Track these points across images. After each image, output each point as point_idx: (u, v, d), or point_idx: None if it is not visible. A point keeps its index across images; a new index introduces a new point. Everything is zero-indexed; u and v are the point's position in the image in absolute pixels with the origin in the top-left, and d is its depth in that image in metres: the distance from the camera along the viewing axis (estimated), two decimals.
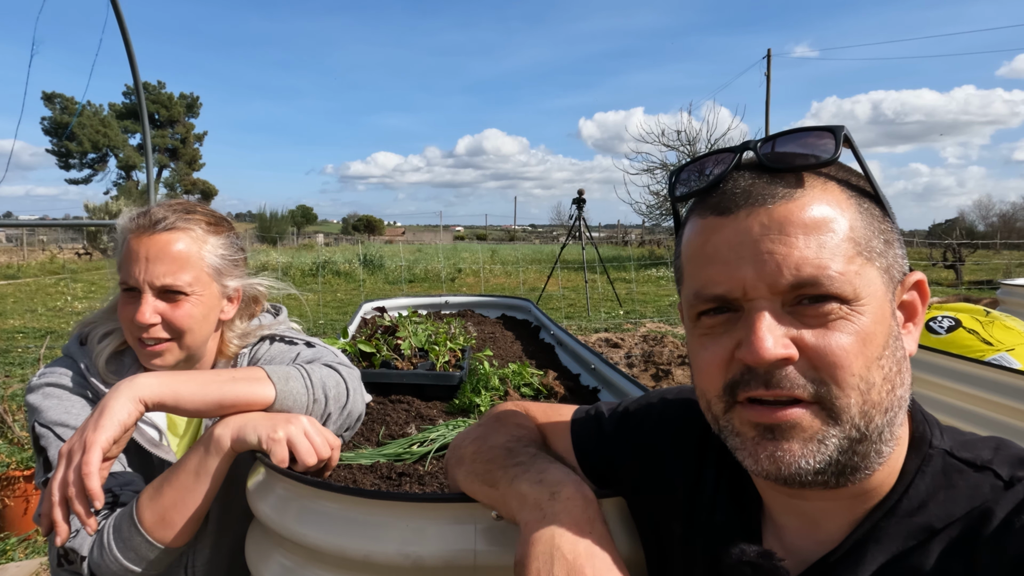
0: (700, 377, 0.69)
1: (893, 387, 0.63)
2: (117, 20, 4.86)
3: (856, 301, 0.61)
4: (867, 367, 0.61)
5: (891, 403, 0.63)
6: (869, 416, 0.61)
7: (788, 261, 0.61)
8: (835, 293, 0.60)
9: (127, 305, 1.24)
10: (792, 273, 0.60)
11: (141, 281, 1.22)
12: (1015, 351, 2.35)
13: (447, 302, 3.58)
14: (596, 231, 52.56)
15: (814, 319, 0.61)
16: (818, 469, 0.61)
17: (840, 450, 0.61)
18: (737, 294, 0.63)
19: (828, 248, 0.61)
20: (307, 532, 0.93)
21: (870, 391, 0.61)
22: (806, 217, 0.62)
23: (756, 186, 0.65)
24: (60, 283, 16.06)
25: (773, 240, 0.62)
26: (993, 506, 0.60)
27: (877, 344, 0.62)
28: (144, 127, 5.30)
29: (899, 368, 0.64)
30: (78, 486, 0.94)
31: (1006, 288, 4.18)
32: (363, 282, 16.50)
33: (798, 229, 0.61)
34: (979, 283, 16.23)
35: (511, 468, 0.84)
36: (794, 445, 0.61)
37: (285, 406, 1.14)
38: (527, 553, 0.72)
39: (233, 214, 8.52)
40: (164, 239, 1.24)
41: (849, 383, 0.60)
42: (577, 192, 12.25)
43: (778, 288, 0.61)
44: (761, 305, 0.62)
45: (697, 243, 0.68)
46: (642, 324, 10.19)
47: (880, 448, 0.63)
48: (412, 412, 1.71)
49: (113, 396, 1.01)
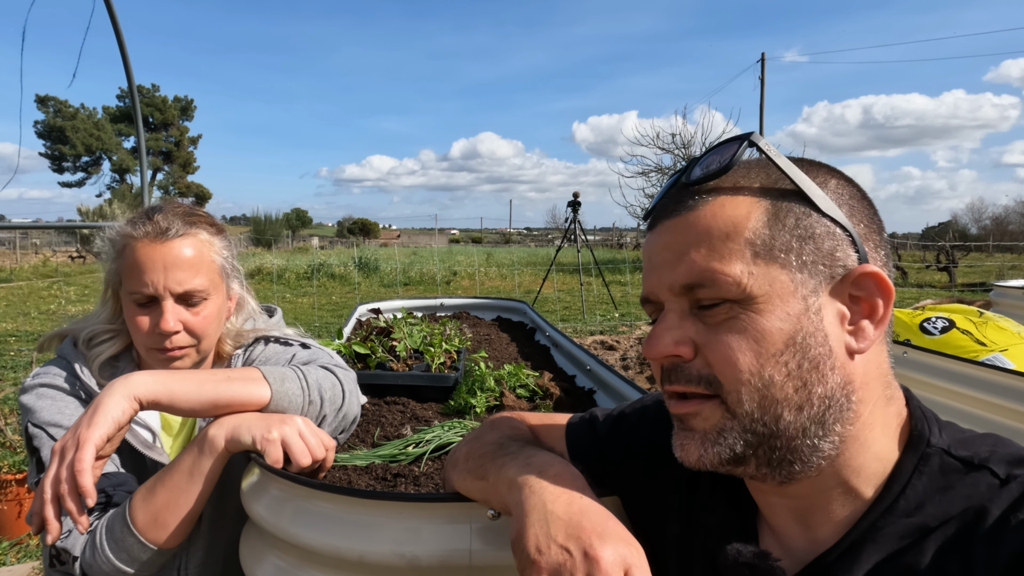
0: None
1: (805, 384, 0.63)
2: (111, 23, 4.85)
3: (749, 301, 0.63)
4: (760, 364, 0.63)
5: (805, 400, 0.63)
6: (774, 412, 0.63)
7: (680, 266, 0.66)
8: (723, 296, 0.64)
9: (141, 315, 1.23)
10: (683, 276, 0.66)
11: (161, 289, 1.21)
12: (1009, 351, 2.36)
13: (442, 304, 3.57)
14: (591, 234, 52.59)
15: (710, 319, 0.66)
16: (725, 460, 0.66)
17: (745, 443, 0.65)
18: (655, 298, 0.70)
19: (718, 252, 0.64)
20: (302, 533, 0.92)
21: (770, 388, 0.63)
22: (700, 224, 0.66)
23: (672, 200, 0.71)
24: (53, 286, 15.98)
25: (671, 246, 0.68)
26: (988, 504, 0.60)
27: (774, 341, 0.63)
28: (138, 130, 5.29)
29: (816, 365, 0.63)
30: (71, 483, 0.93)
31: (999, 290, 4.21)
32: (358, 285, 16.47)
33: (691, 235, 0.67)
34: (972, 285, 16.31)
35: (500, 458, 0.86)
36: (695, 435, 0.67)
37: (280, 407, 1.13)
38: (523, 525, 0.71)
39: (227, 217, 8.50)
40: (179, 245, 1.24)
41: (739, 379, 0.64)
42: (572, 195, 12.26)
43: (675, 290, 0.67)
44: (669, 306, 0.69)
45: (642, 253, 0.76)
46: (637, 327, 10.20)
47: (813, 443, 0.64)
48: (407, 413, 1.70)
49: (108, 393, 1.00)
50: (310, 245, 37.44)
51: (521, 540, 0.70)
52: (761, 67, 29.73)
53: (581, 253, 12.35)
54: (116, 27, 4.86)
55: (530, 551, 0.68)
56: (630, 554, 0.67)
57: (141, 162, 5.40)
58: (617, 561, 0.65)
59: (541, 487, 0.75)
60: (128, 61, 5.02)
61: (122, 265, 1.25)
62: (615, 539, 0.68)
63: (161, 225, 1.24)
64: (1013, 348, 2.36)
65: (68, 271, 20.95)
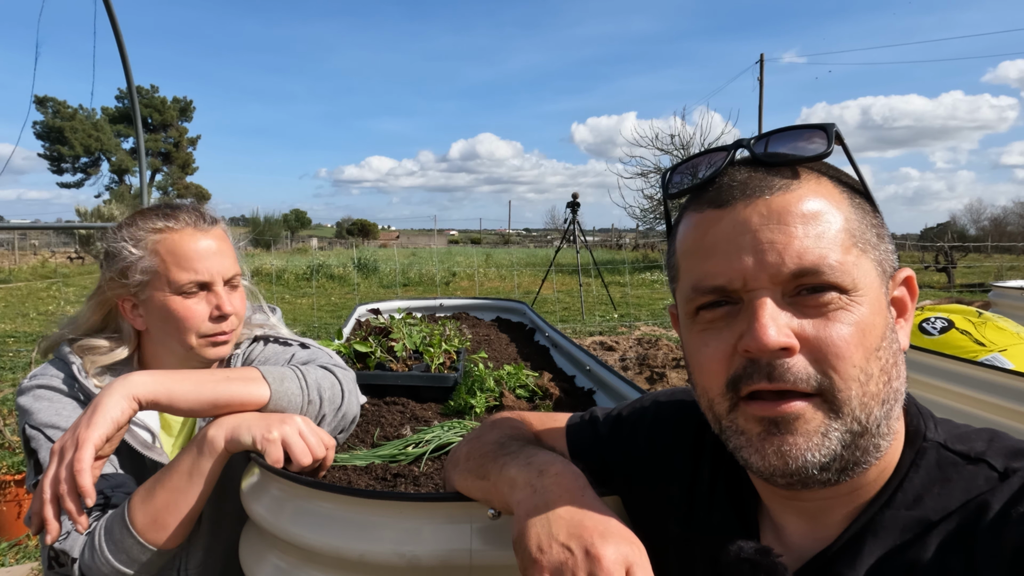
0: (701, 374, 0.68)
1: (890, 379, 0.63)
2: (111, 24, 4.85)
3: (854, 291, 0.62)
4: (866, 358, 0.61)
5: (887, 395, 0.63)
6: (868, 408, 0.61)
7: (789, 250, 0.61)
8: (834, 283, 0.61)
9: (191, 305, 1.25)
10: (794, 262, 0.61)
11: (215, 274, 1.27)
12: (1008, 351, 2.36)
13: (442, 304, 3.57)
14: (590, 235, 52.56)
15: (814, 309, 0.62)
16: (823, 464, 0.61)
17: (843, 444, 0.61)
18: (737, 285, 0.63)
19: (827, 238, 0.62)
20: (302, 532, 0.92)
21: (869, 382, 0.61)
22: (804, 208, 0.63)
23: (753, 179, 0.65)
24: (52, 287, 15.96)
25: (772, 230, 0.62)
26: (989, 498, 0.60)
27: (875, 335, 0.62)
28: (137, 131, 5.29)
29: (895, 360, 0.64)
30: (70, 483, 0.93)
31: (998, 290, 4.21)
32: (357, 286, 16.46)
33: (796, 219, 0.62)
34: (971, 286, 16.32)
35: (501, 458, 0.85)
36: (799, 439, 0.61)
37: (280, 406, 1.13)
38: (524, 527, 0.71)
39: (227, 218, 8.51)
40: (218, 232, 1.31)
41: (850, 374, 0.60)
42: (571, 196, 12.25)
43: (779, 278, 0.61)
44: (763, 294, 0.62)
45: (694, 237, 0.68)
46: (636, 327, 10.20)
47: (878, 442, 0.63)
48: (407, 414, 1.70)
49: (107, 393, 1.00)
50: (309, 246, 37.43)
51: (523, 539, 0.70)
52: (760, 68, 29.77)
53: (580, 254, 12.36)
54: (115, 28, 4.86)
55: (532, 550, 0.68)
56: (632, 552, 0.66)
57: (140, 163, 5.40)
58: (619, 559, 0.65)
59: (543, 486, 0.75)
60: (127, 62, 5.02)
61: (160, 260, 1.25)
62: (617, 538, 0.67)
63: (197, 216, 1.30)
64: (1012, 348, 2.36)
65: (67, 272, 20.93)
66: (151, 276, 1.25)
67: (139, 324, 1.31)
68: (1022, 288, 4.00)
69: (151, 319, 1.29)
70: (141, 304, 1.28)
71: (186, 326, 1.26)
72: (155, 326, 1.29)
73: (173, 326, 1.27)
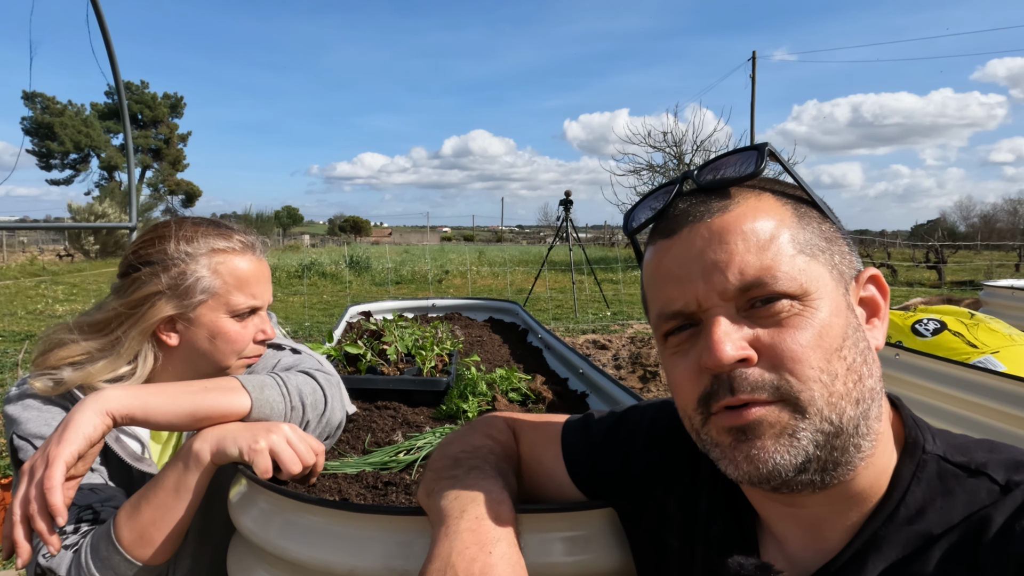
0: (676, 395, 0.71)
1: (860, 377, 0.64)
2: (97, 19, 4.79)
3: (806, 296, 0.63)
4: (827, 359, 0.62)
5: (861, 394, 0.64)
6: (839, 408, 0.62)
7: (732, 267, 0.64)
8: (782, 291, 0.63)
9: (242, 327, 1.27)
10: (737, 277, 0.64)
11: (266, 301, 1.32)
12: (1000, 353, 2.37)
13: (434, 305, 3.55)
14: (583, 232, 52.68)
15: (768, 319, 0.64)
16: (797, 465, 0.62)
17: (815, 444, 0.62)
18: (693, 307, 0.66)
19: (769, 250, 0.64)
20: (291, 546, 0.91)
21: (834, 382, 0.62)
22: (743, 225, 0.66)
23: (695, 205, 0.69)
24: (40, 286, 15.83)
25: (715, 250, 0.65)
26: (992, 511, 0.60)
27: (834, 335, 0.63)
28: (125, 127, 5.24)
29: (864, 359, 0.65)
30: (39, 502, 0.90)
31: (989, 289, 4.24)
32: (350, 284, 16.42)
33: (736, 236, 0.65)
34: (961, 283, 16.43)
35: (444, 480, 0.84)
36: (767, 442, 0.63)
37: (262, 415, 1.11)
38: (425, 570, 0.72)
39: (218, 215, 8.44)
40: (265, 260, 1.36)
41: (808, 375, 0.62)
42: (564, 193, 12.25)
43: (728, 294, 0.64)
44: (716, 312, 0.65)
45: (652, 266, 0.72)
46: (629, 325, 10.21)
47: (859, 442, 0.64)
48: (398, 419, 1.68)
49: (79, 409, 0.97)
50: (301, 243, 37.31)
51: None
52: (752, 65, 29.85)
53: (573, 251, 12.35)
54: (102, 24, 4.80)
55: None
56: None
57: (128, 159, 5.35)
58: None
59: (455, 532, 0.74)
60: (114, 57, 4.96)
61: (222, 281, 1.23)
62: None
63: (254, 239, 1.34)
64: (1004, 350, 2.37)
65: (56, 270, 20.76)
66: (210, 296, 1.22)
67: (172, 340, 1.23)
68: (1013, 287, 4.02)
69: (194, 336, 1.22)
70: (183, 321, 1.22)
71: (233, 348, 1.25)
72: (195, 344, 1.23)
73: (219, 346, 1.24)
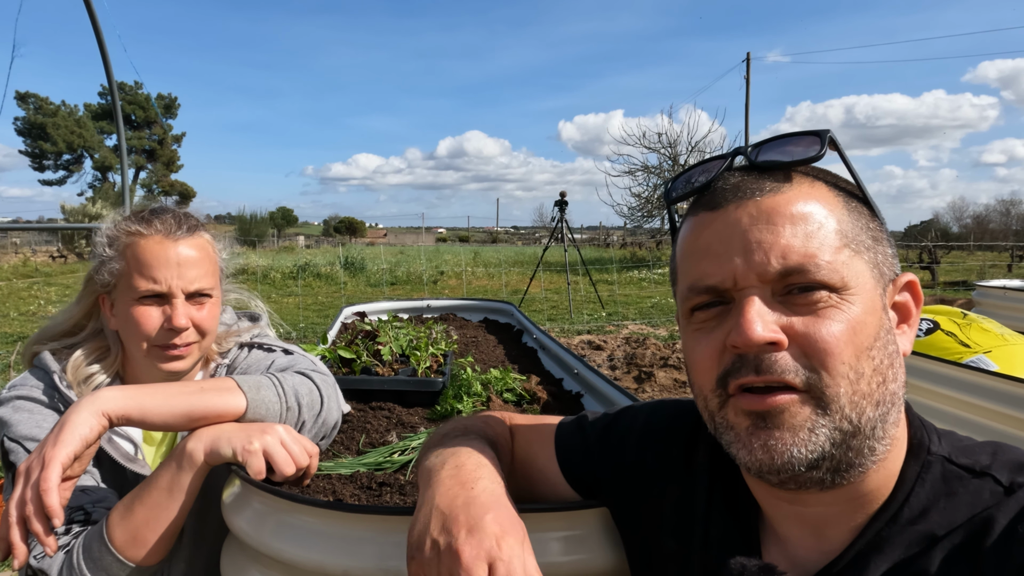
0: (695, 372, 0.69)
1: (884, 380, 0.63)
2: (90, 20, 4.78)
3: (845, 290, 0.62)
4: (856, 356, 0.61)
5: (882, 397, 0.63)
6: (860, 408, 0.62)
7: (775, 249, 0.62)
8: (823, 281, 0.62)
9: (147, 312, 1.23)
10: (780, 261, 0.62)
11: (174, 287, 1.23)
12: (992, 353, 2.38)
13: (429, 306, 3.55)
14: (578, 233, 52.63)
15: (804, 307, 0.62)
16: (811, 461, 0.61)
17: (832, 442, 0.61)
18: (728, 284, 0.65)
19: (815, 238, 0.63)
20: (285, 547, 0.90)
21: (859, 381, 0.61)
22: (793, 209, 0.64)
23: (745, 182, 0.67)
24: (33, 287, 15.74)
25: (761, 230, 0.63)
26: (995, 513, 0.60)
27: (867, 334, 0.62)
28: (119, 127, 5.22)
29: (891, 362, 0.64)
30: (36, 504, 0.90)
31: (981, 290, 4.26)
32: (344, 284, 16.38)
33: (785, 219, 0.63)
34: (954, 284, 16.52)
35: (431, 449, 0.86)
36: (785, 434, 0.62)
37: (258, 415, 1.11)
38: (414, 519, 0.73)
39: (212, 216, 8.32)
40: (192, 243, 1.27)
41: (839, 371, 0.61)
42: (559, 194, 12.26)
43: (767, 276, 0.63)
44: (751, 292, 0.63)
45: (690, 239, 0.70)
46: (624, 326, 10.22)
47: (873, 445, 0.63)
48: (393, 419, 1.68)
49: (75, 410, 0.97)
50: (296, 244, 37.21)
51: (409, 534, 0.72)
52: (746, 67, 29.92)
53: (568, 252, 12.36)
54: (95, 24, 4.79)
55: (411, 546, 0.70)
56: (495, 548, 0.66)
57: (122, 160, 5.33)
58: (479, 555, 0.65)
59: (439, 480, 0.76)
60: (107, 58, 4.95)
61: (126, 264, 1.24)
62: (482, 533, 0.67)
63: (172, 224, 1.26)
64: (997, 350, 2.38)
65: (49, 271, 20.65)
66: (117, 279, 1.25)
67: (113, 324, 1.30)
68: (1005, 287, 4.04)
69: (117, 321, 1.29)
70: (113, 302, 1.29)
71: (137, 332, 1.24)
72: (119, 328, 1.29)
73: (128, 331, 1.26)
